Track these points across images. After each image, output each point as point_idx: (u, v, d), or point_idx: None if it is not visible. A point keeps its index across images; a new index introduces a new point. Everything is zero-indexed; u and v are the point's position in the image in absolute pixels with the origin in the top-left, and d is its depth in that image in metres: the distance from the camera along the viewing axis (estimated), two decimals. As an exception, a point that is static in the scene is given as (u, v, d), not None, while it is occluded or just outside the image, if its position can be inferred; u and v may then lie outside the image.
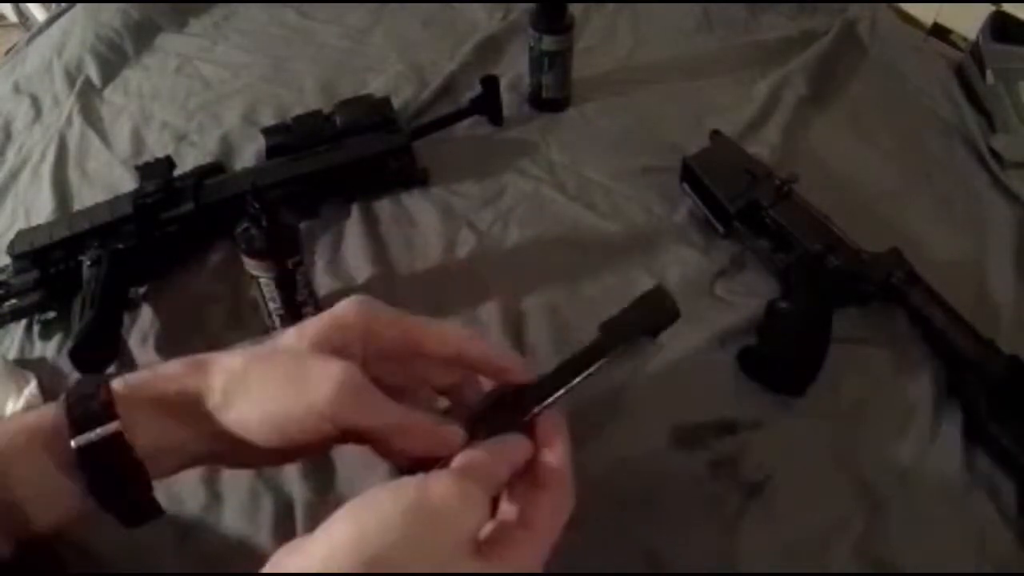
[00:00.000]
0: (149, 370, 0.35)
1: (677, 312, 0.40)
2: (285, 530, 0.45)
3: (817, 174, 0.63)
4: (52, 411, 0.33)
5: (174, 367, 0.34)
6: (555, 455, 0.34)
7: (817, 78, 0.76)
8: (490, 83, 0.72)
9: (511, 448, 0.33)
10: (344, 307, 0.35)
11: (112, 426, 0.31)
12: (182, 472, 0.37)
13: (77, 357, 0.53)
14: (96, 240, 0.60)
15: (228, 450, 0.34)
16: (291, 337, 0.35)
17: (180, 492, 0.47)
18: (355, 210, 0.67)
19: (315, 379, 0.32)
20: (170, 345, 0.58)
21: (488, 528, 0.31)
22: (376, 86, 0.81)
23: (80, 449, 0.31)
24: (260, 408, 0.32)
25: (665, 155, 0.68)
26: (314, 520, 0.32)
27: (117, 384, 0.33)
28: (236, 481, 0.48)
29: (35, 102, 0.86)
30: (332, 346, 0.34)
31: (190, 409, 0.33)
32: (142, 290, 0.62)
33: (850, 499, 0.46)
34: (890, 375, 0.52)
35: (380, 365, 0.35)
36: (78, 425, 0.32)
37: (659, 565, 0.44)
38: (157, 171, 0.64)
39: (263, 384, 0.33)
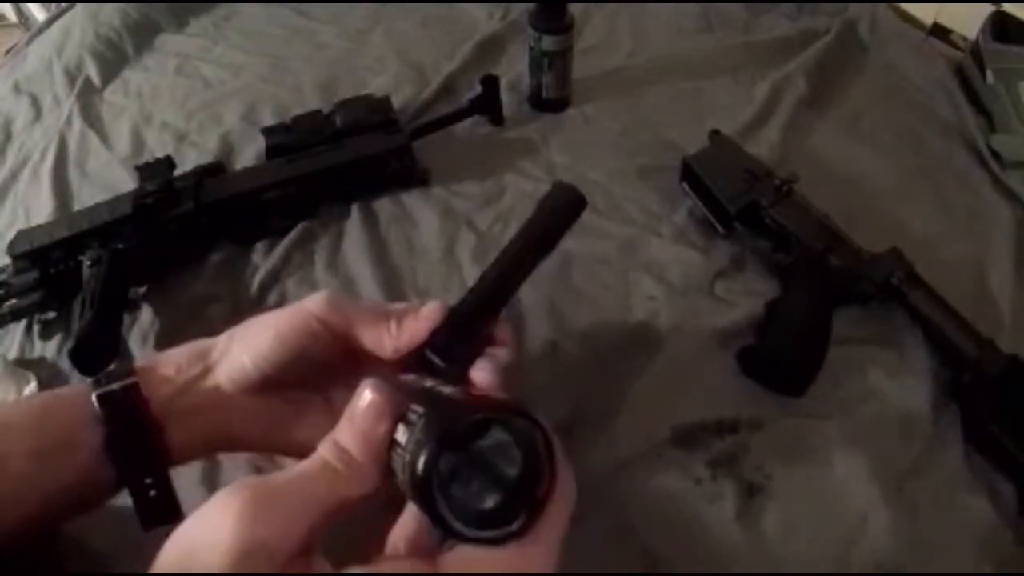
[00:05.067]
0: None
1: (584, 201, 0.41)
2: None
3: (817, 174, 0.63)
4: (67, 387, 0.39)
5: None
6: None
7: (817, 78, 0.76)
8: (490, 83, 0.72)
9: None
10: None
11: (130, 379, 0.36)
12: (181, 472, 0.38)
13: (77, 357, 0.53)
14: (96, 240, 0.60)
15: (230, 418, 0.37)
16: None
17: (180, 491, 0.47)
18: (355, 210, 0.67)
19: (307, 299, 0.37)
20: (170, 345, 0.57)
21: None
22: (376, 86, 0.81)
23: (100, 399, 0.35)
24: (259, 334, 0.37)
25: (665, 155, 0.68)
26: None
27: (141, 361, 0.38)
28: (236, 479, 0.48)
29: (35, 102, 0.86)
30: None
31: (198, 363, 0.37)
32: (142, 290, 0.62)
33: (850, 499, 0.46)
34: (890, 375, 0.52)
35: None
36: (100, 384, 0.36)
37: (659, 565, 0.44)
38: (157, 171, 0.64)
39: (263, 316, 0.38)
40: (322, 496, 0.27)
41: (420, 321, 0.36)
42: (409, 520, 0.29)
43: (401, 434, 0.28)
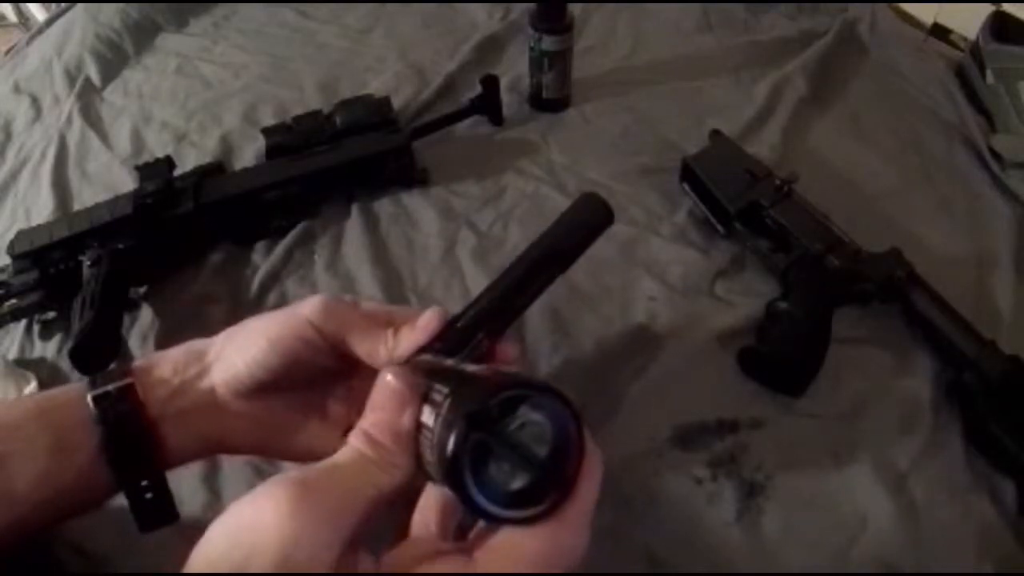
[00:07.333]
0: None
1: (611, 216, 0.38)
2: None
3: (817, 174, 0.63)
4: (64, 388, 0.37)
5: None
6: None
7: (817, 78, 0.76)
8: (490, 83, 0.72)
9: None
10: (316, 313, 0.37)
11: (125, 380, 0.35)
12: (181, 474, 0.38)
13: (77, 357, 0.53)
14: (96, 240, 0.60)
15: (225, 421, 0.37)
16: None
17: (180, 492, 0.47)
18: (355, 210, 0.67)
19: (302, 303, 0.36)
20: (170, 345, 0.57)
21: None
22: (376, 86, 0.81)
23: (95, 400, 0.34)
24: (252, 340, 0.36)
25: (665, 155, 0.68)
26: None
27: (137, 361, 0.38)
28: (236, 480, 0.48)
29: (35, 102, 0.86)
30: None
31: (195, 364, 0.37)
32: (142, 290, 0.62)
33: (850, 499, 0.46)
34: (890, 375, 0.52)
35: None
36: (96, 385, 0.35)
37: (659, 565, 0.44)
38: (157, 171, 0.64)
39: (258, 320, 0.37)
40: (360, 488, 0.27)
41: (417, 332, 0.35)
42: (434, 498, 0.29)
43: (427, 415, 0.27)
